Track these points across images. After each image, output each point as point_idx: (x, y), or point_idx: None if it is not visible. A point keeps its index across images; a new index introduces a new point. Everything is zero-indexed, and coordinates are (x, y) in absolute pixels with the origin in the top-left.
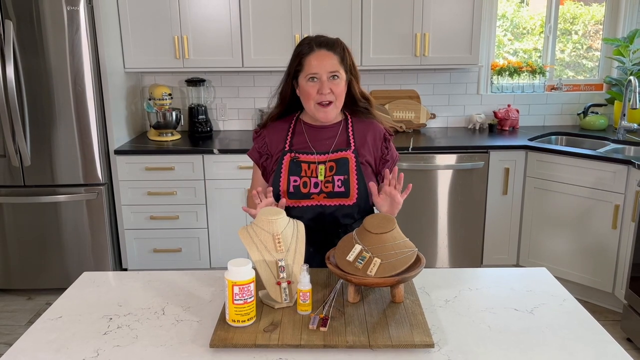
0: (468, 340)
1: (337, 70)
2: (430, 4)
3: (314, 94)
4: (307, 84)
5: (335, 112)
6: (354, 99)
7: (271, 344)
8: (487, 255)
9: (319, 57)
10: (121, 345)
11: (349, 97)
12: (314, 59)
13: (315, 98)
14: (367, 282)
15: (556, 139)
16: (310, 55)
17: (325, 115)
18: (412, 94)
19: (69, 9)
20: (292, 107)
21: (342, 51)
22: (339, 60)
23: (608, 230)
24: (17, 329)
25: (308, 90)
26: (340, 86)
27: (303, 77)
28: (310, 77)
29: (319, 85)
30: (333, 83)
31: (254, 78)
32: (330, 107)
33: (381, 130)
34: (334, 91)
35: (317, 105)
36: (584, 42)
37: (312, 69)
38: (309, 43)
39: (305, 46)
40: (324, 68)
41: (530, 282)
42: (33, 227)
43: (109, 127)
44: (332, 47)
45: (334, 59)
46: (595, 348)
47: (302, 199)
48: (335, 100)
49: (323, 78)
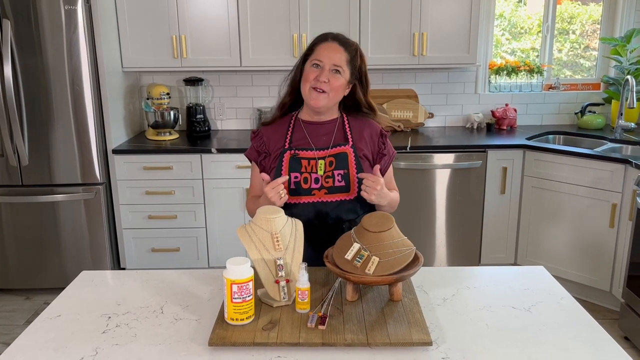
0: (466, 338)
1: (341, 66)
2: (428, 3)
3: (312, 78)
4: (310, 68)
5: (326, 103)
6: (358, 105)
7: (270, 342)
8: (485, 254)
9: (328, 48)
10: (120, 343)
11: (352, 102)
12: (324, 48)
13: (312, 82)
14: (365, 281)
15: (554, 138)
16: (323, 44)
17: (316, 101)
18: (410, 94)
19: (67, 8)
20: (294, 105)
21: (354, 52)
22: (347, 59)
23: (605, 229)
24: (14, 329)
25: (308, 73)
26: (339, 82)
27: (309, 61)
28: (315, 63)
29: (319, 72)
30: (333, 76)
31: (252, 77)
32: (322, 95)
33: (377, 127)
34: (331, 83)
35: (311, 90)
36: (581, 41)
37: (318, 56)
38: (326, 34)
39: (322, 36)
40: (330, 59)
41: (527, 281)
42: (31, 226)
43: (107, 127)
44: (346, 44)
45: (342, 55)
46: (593, 346)
47: (303, 195)
48: (329, 91)
49: (325, 68)
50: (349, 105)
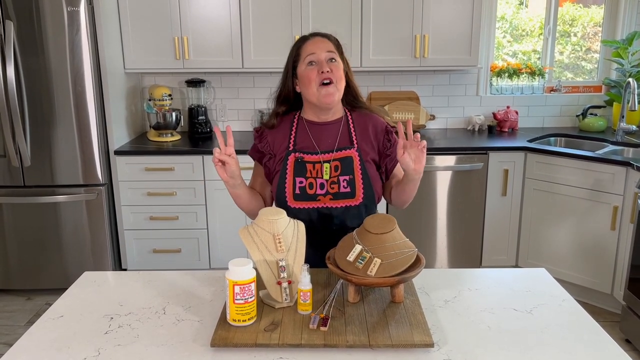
0: (467, 340)
1: (334, 52)
2: (429, 5)
3: (314, 76)
4: (307, 69)
5: (338, 96)
6: (354, 95)
7: (272, 344)
8: (486, 256)
9: (314, 42)
10: (122, 344)
11: (348, 90)
12: (310, 44)
13: (317, 80)
14: (367, 282)
15: (555, 141)
16: (306, 42)
17: (329, 95)
18: (412, 95)
19: (70, 9)
20: (293, 106)
21: (336, 41)
22: (334, 47)
23: (607, 231)
24: (16, 329)
25: (308, 74)
26: (340, 70)
27: (302, 64)
28: (309, 61)
29: (318, 66)
30: (332, 65)
31: (254, 79)
32: (332, 86)
33: (382, 123)
34: (334, 72)
35: (320, 87)
36: (583, 44)
37: (310, 51)
38: (303, 36)
39: (300, 39)
40: (321, 49)
41: (529, 283)
42: (33, 227)
43: (109, 128)
44: (326, 35)
45: (329, 44)
46: (594, 348)
47: (308, 200)
48: (336, 81)
49: (321, 58)
50: (347, 98)
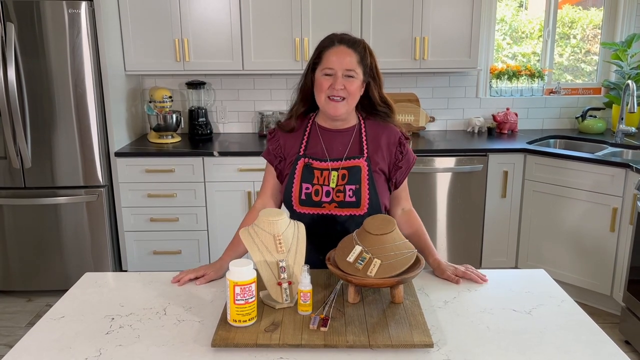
0: (467, 340)
1: (354, 69)
2: (429, 7)
3: (327, 87)
4: (322, 77)
5: (346, 109)
6: (373, 103)
7: (272, 344)
8: (486, 258)
9: (337, 53)
10: (123, 344)
11: (367, 100)
12: (333, 54)
13: (327, 92)
14: (367, 283)
15: (554, 143)
16: (330, 49)
17: (335, 109)
18: (412, 97)
19: (70, 11)
20: (314, 104)
21: (363, 51)
22: (357, 60)
23: (606, 233)
24: (17, 331)
25: (321, 82)
26: (355, 85)
27: (319, 70)
28: (326, 72)
29: (332, 80)
30: (347, 81)
31: (254, 81)
32: (341, 102)
33: (397, 134)
34: (347, 88)
35: (328, 99)
36: (582, 46)
37: (329, 64)
38: (331, 38)
39: (327, 40)
40: (341, 65)
41: (528, 284)
42: (33, 229)
43: (110, 129)
44: (353, 45)
45: (352, 57)
46: (593, 349)
47: (313, 206)
48: (347, 97)
49: (338, 74)
50: (365, 104)
